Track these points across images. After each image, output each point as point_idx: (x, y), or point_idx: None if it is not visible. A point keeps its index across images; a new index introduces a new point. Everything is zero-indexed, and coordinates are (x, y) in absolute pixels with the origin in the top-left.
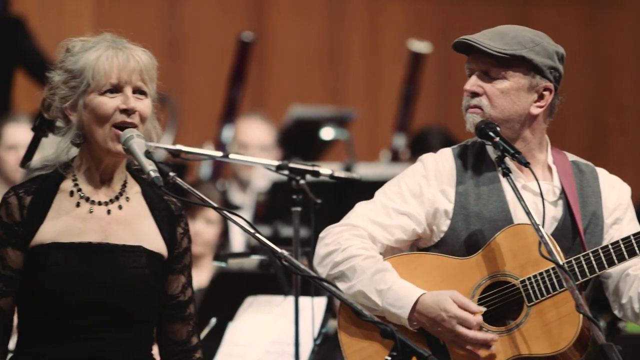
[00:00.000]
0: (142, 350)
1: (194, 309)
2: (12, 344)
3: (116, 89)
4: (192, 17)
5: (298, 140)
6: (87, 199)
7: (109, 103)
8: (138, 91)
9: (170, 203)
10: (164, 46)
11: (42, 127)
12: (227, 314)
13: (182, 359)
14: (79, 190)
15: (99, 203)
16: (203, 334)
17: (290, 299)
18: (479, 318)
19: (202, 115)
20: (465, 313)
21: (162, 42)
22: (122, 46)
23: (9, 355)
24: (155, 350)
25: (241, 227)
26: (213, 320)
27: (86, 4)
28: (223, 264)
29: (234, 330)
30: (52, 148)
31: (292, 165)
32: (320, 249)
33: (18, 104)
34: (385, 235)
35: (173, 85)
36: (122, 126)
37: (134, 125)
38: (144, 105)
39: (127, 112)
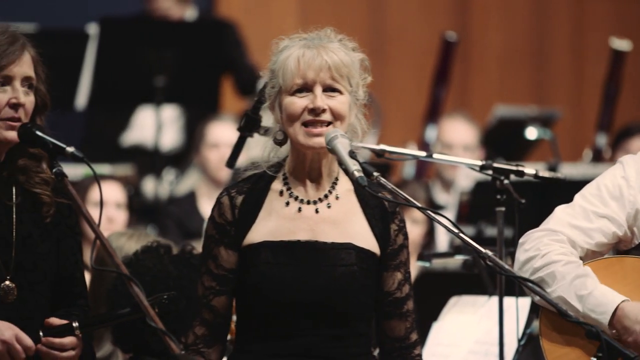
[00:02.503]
0: (359, 347)
1: (412, 306)
2: None
3: (306, 88)
4: (396, 16)
5: (502, 140)
6: (296, 198)
7: (298, 103)
8: (329, 89)
9: (384, 200)
10: (368, 45)
11: (247, 128)
12: (431, 314)
13: (401, 356)
14: (289, 189)
15: (308, 202)
16: None
17: (495, 299)
18: None
19: (405, 115)
20: None
21: (367, 41)
22: (316, 44)
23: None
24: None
25: (445, 227)
26: None
27: (292, 5)
28: (427, 264)
29: (438, 330)
30: (259, 148)
31: (496, 165)
32: (520, 255)
33: (226, 105)
34: (586, 239)
35: (377, 84)
36: (317, 125)
37: (323, 123)
38: (336, 102)
39: (315, 111)
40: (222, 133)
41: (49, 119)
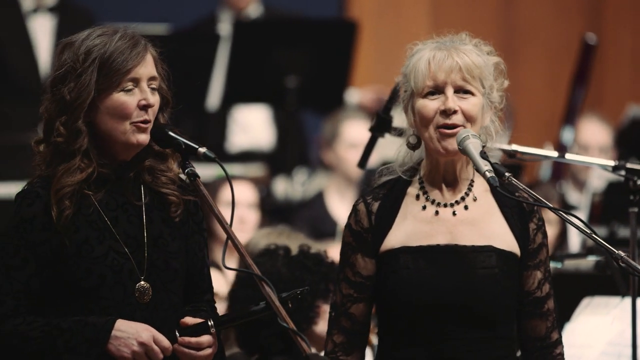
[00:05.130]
0: (502, 350)
1: (552, 305)
2: None
3: (438, 90)
4: (529, 17)
5: (635, 140)
6: (433, 202)
7: (430, 105)
8: (462, 90)
9: (522, 199)
10: (500, 46)
11: (378, 128)
12: (563, 315)
13: (543, 355)
14: (425, 193)
15: (445, 205)
16: None
17: (628, 300)
18: None
19: (537, 116)
20: None
21: (499, 41)
22: (447, 46)
23: None
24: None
25: (577, 227)
26: None
27: (423, 5)
28: (559, 265)
29: (570, 332)
30: (392, 149)
31: (629, 165)
32: None
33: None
34: None
35: (509, 85)
36: (450, 127)
37: (456, 126)
38: (468, 104)
39: (446, 112)
40: (358, 133)
41: (178, 118)
